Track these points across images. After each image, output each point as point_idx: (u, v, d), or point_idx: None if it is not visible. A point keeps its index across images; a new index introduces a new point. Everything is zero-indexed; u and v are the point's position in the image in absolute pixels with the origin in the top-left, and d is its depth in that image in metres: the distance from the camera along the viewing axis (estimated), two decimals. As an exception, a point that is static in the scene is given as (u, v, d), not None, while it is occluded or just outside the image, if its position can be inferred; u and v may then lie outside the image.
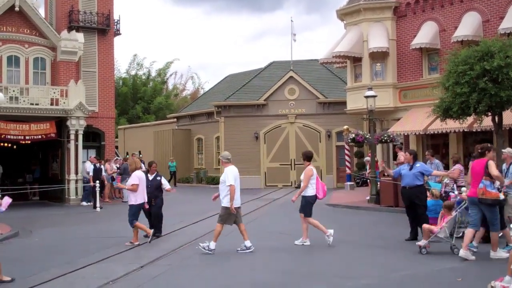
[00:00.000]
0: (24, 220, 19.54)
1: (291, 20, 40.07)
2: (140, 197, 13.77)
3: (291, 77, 34.65)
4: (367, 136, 23.85)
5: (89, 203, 24.75)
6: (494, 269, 9.73)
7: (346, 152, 31.16)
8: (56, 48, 27.99)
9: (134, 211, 13.69)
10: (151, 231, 13.75)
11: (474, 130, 21.28)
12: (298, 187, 14.76)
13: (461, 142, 23.84)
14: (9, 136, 25.07)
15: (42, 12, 29.73)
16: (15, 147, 28.33)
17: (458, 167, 16.49)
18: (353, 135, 24.74)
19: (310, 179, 13.02)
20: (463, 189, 13.86)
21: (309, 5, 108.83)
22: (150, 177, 14.70)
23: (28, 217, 20.59)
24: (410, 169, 13.40)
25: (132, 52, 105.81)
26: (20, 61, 27.43)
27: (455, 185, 16.13)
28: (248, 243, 12.31)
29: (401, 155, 22.65)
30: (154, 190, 14.54)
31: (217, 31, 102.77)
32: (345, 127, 29.53)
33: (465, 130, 21.37)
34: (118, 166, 27.01)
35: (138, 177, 13.66)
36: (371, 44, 25.86)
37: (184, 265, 11.20)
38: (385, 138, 23.28)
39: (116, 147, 37.00)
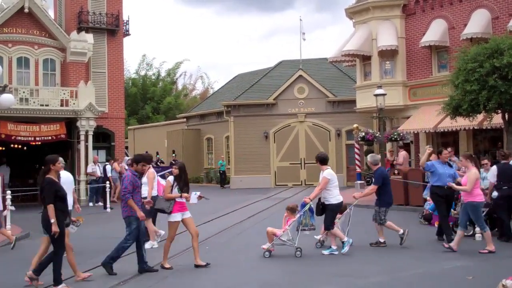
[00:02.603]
0: (35, 221, 19.55)
1: (300, 19, 39.89)
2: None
3: (300, 76, 34.60)
4: (377, 135, 23.78)
5: (97, 204, 24.91)
6: (506, 267, 9.69)
7: (356, 150, 31.06)
8: (65, 49, 28.10)
9: None
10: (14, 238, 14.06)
11: (484, 128, 21.17)
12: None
13: (471, 139, 23.74)
14: (19, 138, 25.19)
15: (51, 13, 29.89)
16: (25, 148, 28.45)
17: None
18: (363, 134, 24.67)
19: (153, 182, 13.36)
20: None
21: (320, 3, 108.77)
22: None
23: (39, 218, 20.64)
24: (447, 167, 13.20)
25: (142, 52, 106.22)
26: (30, 62, 27.58)
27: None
28: None
29: (401, 156, 22.56)
30: None
31: (228, 30, 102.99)
32: (355, 125, 29.42)
33: (475, 127, 21.25)
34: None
35: None
36: (380, 42, 25.80)
37: (191, 268, 11.17)
38: (395, 137, 23.20)
39: (126, 148, 37.12)
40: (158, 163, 37.58)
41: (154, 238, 13.40)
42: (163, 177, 36.14)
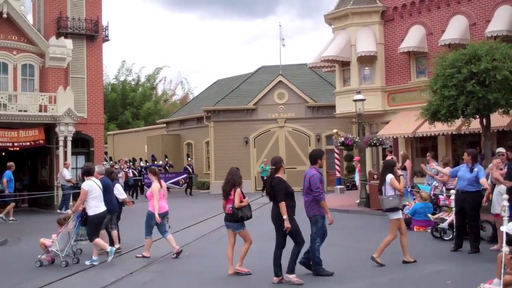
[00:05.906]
0: (13, 227, 19.42)
1: (280, 25, 40.15)
2: None
3: (280, 81, 34.69)
4: (357, 140, 23.92)
5: (67, 211, 24.59)
6: (484, 271, 9.78)
7: (336, 155, 31.25)
8: (44, 55, 27.86)
9: None
10: None
11: (463, 133, 21.39)
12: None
13: (449, 144, 23.97)
14: (-3, 143, 24.92)
15: (30, 18, 29.61)
16: (3, 154, 28.14)
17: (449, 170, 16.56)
18: (343, 139, 24.79)
19: None
20: (452, 191, 13.88)
21: (301, 10, 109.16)
22: None
23: (17, 224, 20.46)
24: (470, 171, 12.41)
25: (122, 58, 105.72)
26: (8, 67, 27.27)
27: (444, 187, 16.21)
28: None
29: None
30: None
31: (210, 36, 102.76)
32: (335, 130, 29.55)
33: (454, 132, 21.49)
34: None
35: None
36: (359, 48, 25.96)
37: (173, 271, 11.17)
38: (374, 142, 23.34)
39: (106, 153, 36.84)
40: (167, 167, 36.27)
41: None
42: (177, 183, 34.56)
